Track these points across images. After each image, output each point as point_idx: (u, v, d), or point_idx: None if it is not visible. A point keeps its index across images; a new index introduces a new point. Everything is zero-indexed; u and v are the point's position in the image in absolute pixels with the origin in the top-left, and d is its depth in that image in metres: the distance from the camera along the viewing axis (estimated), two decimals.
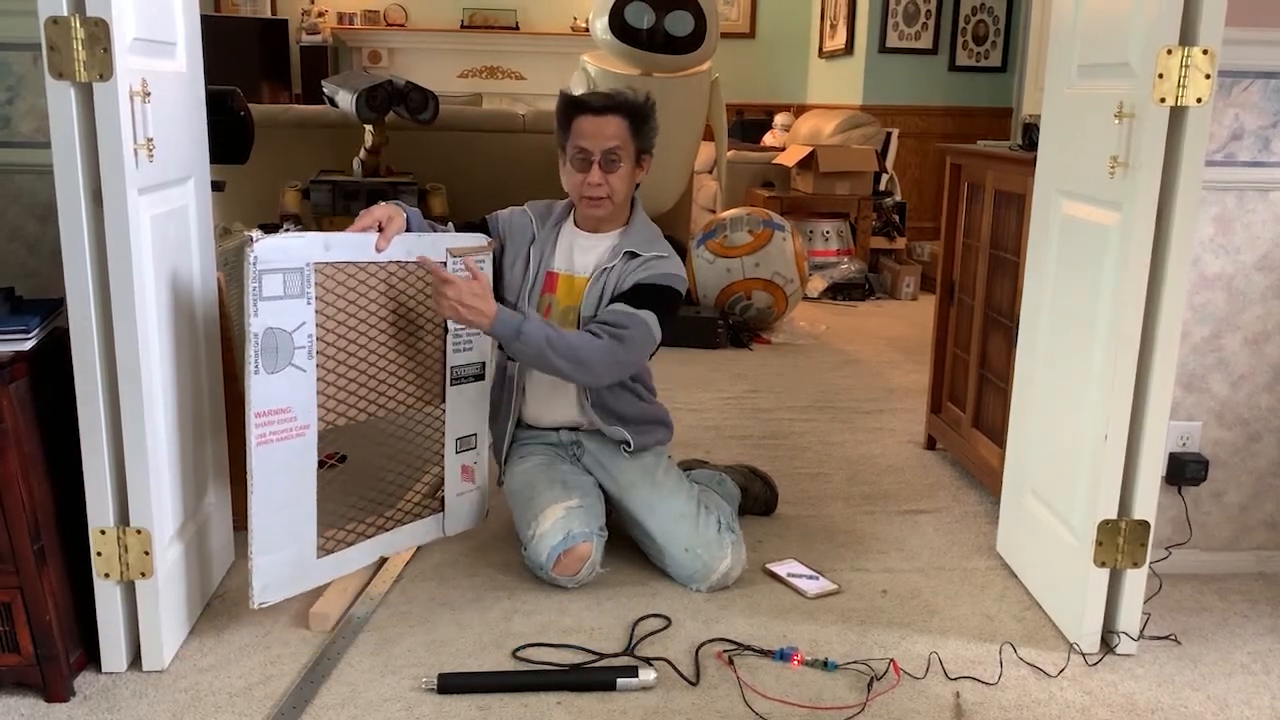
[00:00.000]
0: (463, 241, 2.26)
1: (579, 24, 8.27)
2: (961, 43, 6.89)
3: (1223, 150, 2.20)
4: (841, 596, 2.26)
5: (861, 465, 3.07)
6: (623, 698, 1.86)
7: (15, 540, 1.74)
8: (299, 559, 2.04)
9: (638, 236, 2.35)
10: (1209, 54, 1.79)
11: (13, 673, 1.81)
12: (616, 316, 2.22)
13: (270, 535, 1.97)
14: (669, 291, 2.28)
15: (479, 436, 2.41)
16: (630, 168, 2.30)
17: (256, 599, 1.98)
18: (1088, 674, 1.98)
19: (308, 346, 1.98)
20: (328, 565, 2.11)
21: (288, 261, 1.93)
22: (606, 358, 2.19)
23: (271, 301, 1.91)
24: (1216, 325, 2.29)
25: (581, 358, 2.17)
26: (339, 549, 2.13)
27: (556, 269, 2.36)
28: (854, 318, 5.22)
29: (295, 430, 1.98)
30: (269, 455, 1.94)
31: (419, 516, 2.31)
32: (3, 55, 1.95)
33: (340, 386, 2.07)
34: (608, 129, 2.26)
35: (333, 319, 2.03)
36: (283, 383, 1.95)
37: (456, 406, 2.33)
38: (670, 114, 4.76)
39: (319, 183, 4.42)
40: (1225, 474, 2.36)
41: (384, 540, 2.24)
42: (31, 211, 2.01)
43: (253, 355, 1.89)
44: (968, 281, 2.98)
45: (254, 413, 1.91)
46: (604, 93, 2.34)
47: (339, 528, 2.12)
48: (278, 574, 2.00)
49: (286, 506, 1.99)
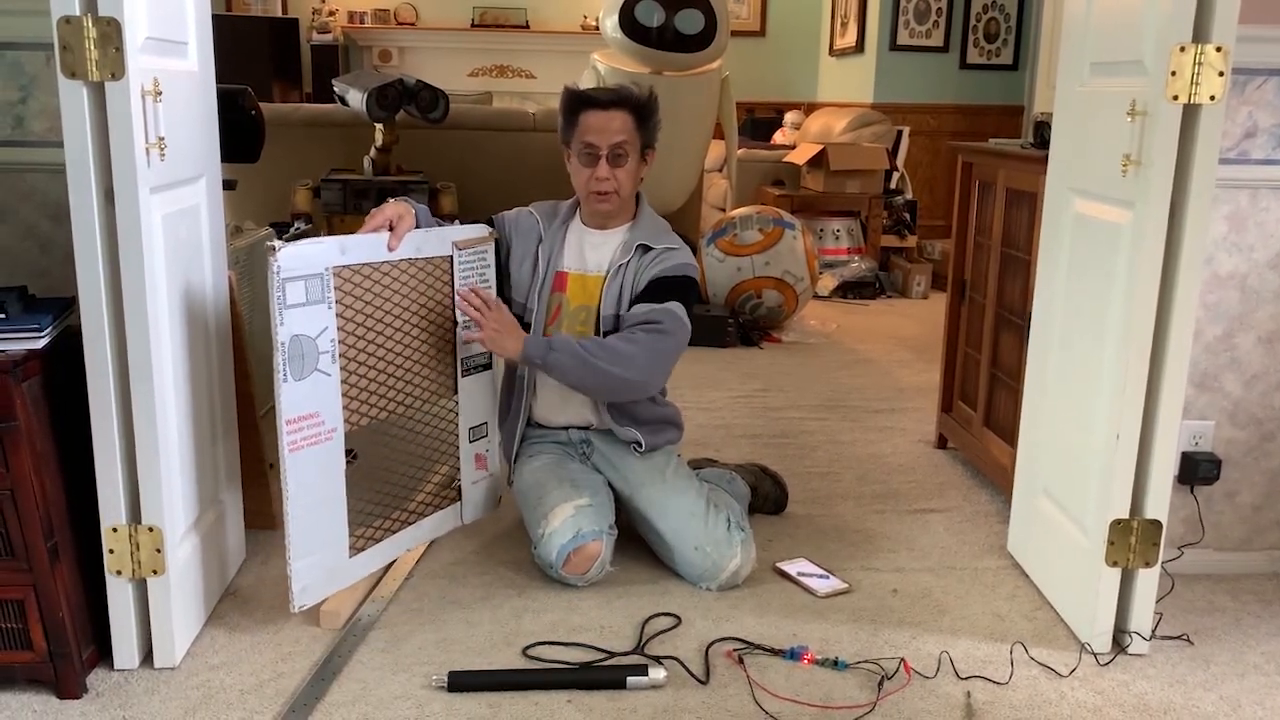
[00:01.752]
0: (467, 234, 2.29)
1: (589, 22, 8.27)
2: (973, 40, 6.87)
3: (1236, 148, 2.18)
4: (852, 596, 2.26)
5: (872, 464, 3.06)
6: (633, 696, 1.86)
7: (28, 537, 1.74)
8: (333, 560, 2.05)
9: (647, 230, 2.36)
10: (1222, 51, 1.78)
11: (26, 669, 1.82)
12: (644, 314, 2.24)
13: (305, 539, 1.98)
14: (687, 280, 2.33)
15: (489, 425, 2.43)
16: (636, 162, 2.31)
17: (296, 602, 1.98)
18: (1099, 674, 1.97)
19: (331, 351, 2.00)
20: (359, 563, 2.13)
21: (308, 268, 1.94)
22: (649, 351, 2.20)
23: (295, 309, 1.92)
24: (1229, 324, 2.28)
25: (623, 354, 2.18)
26: (368, 546, 2.14)
27: (566, 268, 2.36)
28: (865, 316, 5.21)
29: (324, 434, 2.00)
30: (301, 461, 1.95)
31: (439, 508, 2.32)
32: (14, 55, 1.96)
33: (362, 387, 2.08)
34: (614, 124, 2.27)
35: (351, 320, 2.04)
36: (309, 388, 1.97)
37: (469, 396, 2.35)
38: (680, 112, 4.79)
39: (330, 181, 4.42)
40: (1238, 473, 2.35)
41: (408, 534, 2.25)
42: (44, 210, 2.02)
43: (281, 363, 1.90)
44: (979, 280, 2.97)
45: (285, 420, 1.92)
46: (608, 88, 2.35)
47: (367, 525, 2.13)
48: (314, 576, 2.01)
49: (319, 509, 2.01)
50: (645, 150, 2.34)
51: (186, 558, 1.97)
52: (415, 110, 4.33)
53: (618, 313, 2.30)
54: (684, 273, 2.31)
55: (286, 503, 1.93)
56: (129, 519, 1.84)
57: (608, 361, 2.18)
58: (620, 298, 2.30)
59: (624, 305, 2.30)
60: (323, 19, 8.25)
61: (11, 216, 2.02)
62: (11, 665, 1.81)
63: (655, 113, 2.34)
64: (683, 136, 4.86)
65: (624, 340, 2.22)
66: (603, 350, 2.19)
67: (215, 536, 2.13)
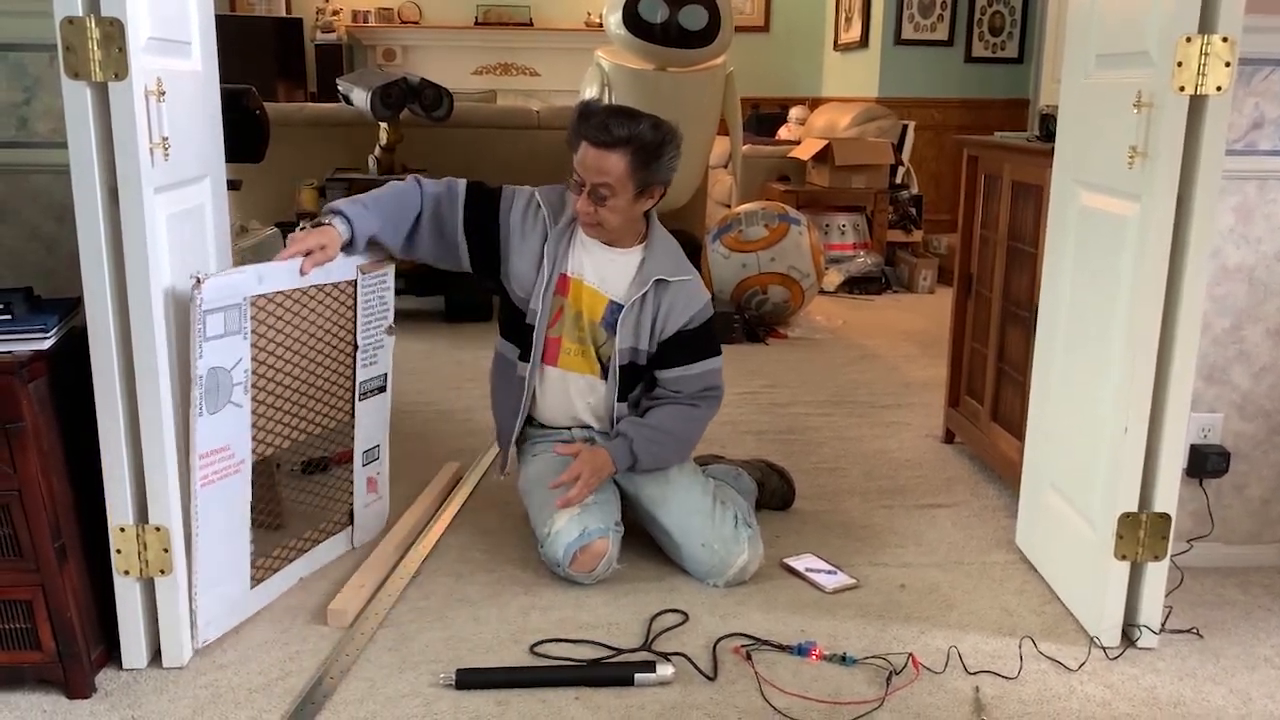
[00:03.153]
0: (369, 258, 2.26)
1: (593, 19, 8.26)
2: (978, 34, 6.85)
3: (1243, 139, 2.17)
4: (859, 591, 2.25)
5: (879, 460, 3.06)
6: (640, 693, 1.86)
7: (36, 538, 1.75)
8: (236, 591, 2.03)
9: (661, 259, 2.31)
10: (1229, 42, 1.77)
11: (35, 670, 1.82)
12: (695, 381, 2.33)
13: (211, 572, 1.94)
14: (711, 323, 2.37)
15: (381, 447, 2.43)
16: (627, 201, 2.20)
17: (200, 637, 1.94)
18: (1108, 668, 1.97)
19: (244, 382, 1.95)
20: (258, 594, 2.10)
21: (229, 299, 1.89)
22: (712, 410, 2.39)
23: (214, 341, 1.86)
24: (1237, 316, 2.27)
25: (695, 432, 2.38)
26: (267, 576, 2.12)
27: (570, 272, 2.32)
28: (871, 312, 5.20)
29: (233, 467, 1.96)
30: (211, 495, 1.91)
31: (331, 534, 2.33)
32: (18, 56, 1.96)
33: (269, 417, 2.06)
34: (605, 164, 2.16)
35: (262, 350, 2.01)
36: (221, 421, 1.92)
37: (364, 420, 2.34)
38: (685, 109, 4.79)
39: (335, 181, 4.43)
40: (1247, 466, 2.34)
41: (302, 563, 2.24)
42: (49, 211, 2.02)
43: (197, 397, 1.85)
44: (985, 274, 2.96)
45: (198, 455, 1.87)
46: (617, 121, 2.17)
47: (265, 554, 2.12)
48: (218, 609, 1.98)
49: (225, 542, 1.97)
50: (645, 189, 2.22)
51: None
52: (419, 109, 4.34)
53: (635, 346, 2.29)
54: (707, 315, 2.35)
55: (195, 537, 1.88)
56: (136, 519, 1.84)
57: (684, 445, 2.37)
58: (639, 332, 2.29)
59: (642, 340, 2.29)
60: (327, 18, 8.26)
61: (17, 217, 2.02)
62: (20, 665, 1.82)
63: (664, 153, 2.20)
64: (687, 133, 4.75)
65: (687, 415, 2.34)
66: (676, 438, 2.33)
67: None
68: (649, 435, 2.29)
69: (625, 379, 2.32)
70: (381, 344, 2.34)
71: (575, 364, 2.34)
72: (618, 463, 2.27)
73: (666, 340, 2.31)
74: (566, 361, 2.34)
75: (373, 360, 2.33)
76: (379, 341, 2.33)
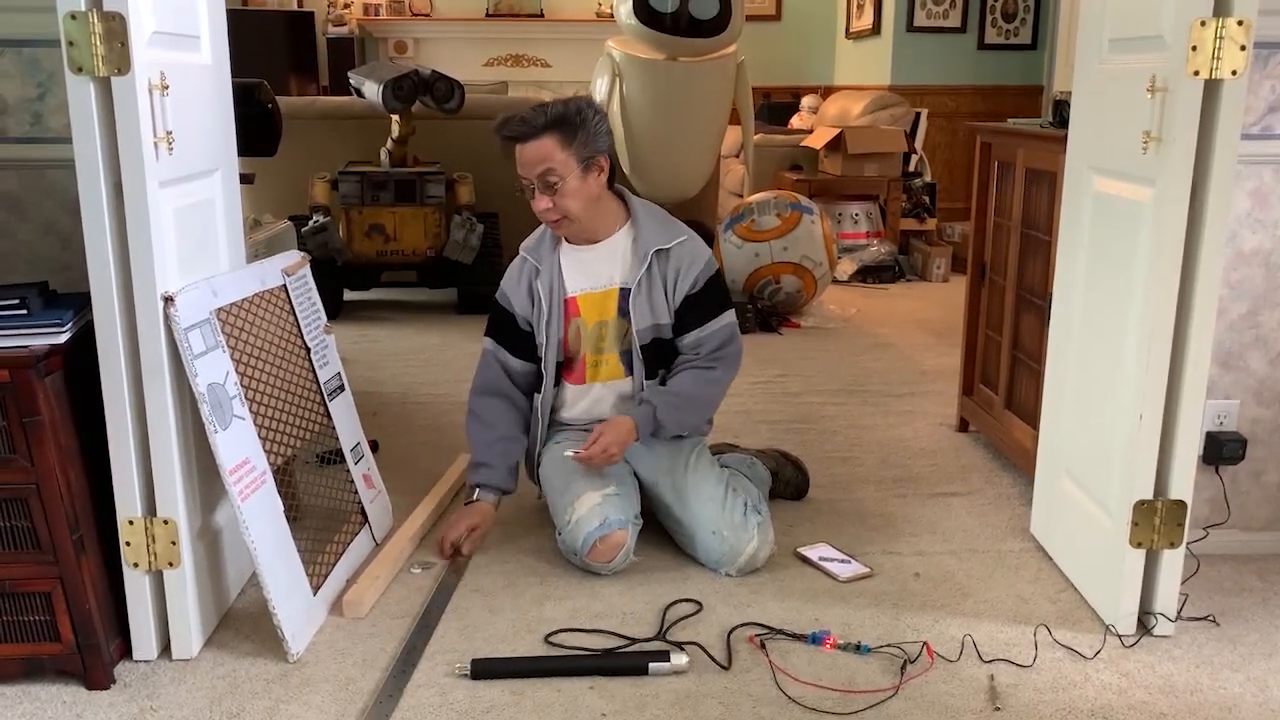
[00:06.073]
0: (288, 260, 2.28)
1: (604, 10, 8.24)
2: (990, 20, 6.80)
3: (1259, 123, 2.15)
4: (874, 580, 2.25)
5: (893, 448, 3.05)
6: (655, 682, 1.86)
7: (54, 530, 1.76)
8: (303, 601, 2.01)
9: (649, 229, 2.32)
10: (1244, 25, 1.75)
11: (54, 661, 1.84)
12: (713, 339, 2.34)
13: (280, 586, 1.93)
14: (717, 279, 2.36)
15: (362, 444, 2.43)
16: (578, 181, 2.20)
17: (292, 650, 1.92)
18: (1124, 656, 1.96)
19: (238, 394, 1.95)
20: (320, 601, 2.08)
21: (199, 314, 1.87)
22: (732, 370, 2.39)
23: (202, 357, 1.85)
24: (1254, 302, 2.25)
25: (716, 395, 2.39)
26: (323, 584, 2.11)
27: (572, 293, 2.34)
28: (884, 300, 5.18)
29: (259, 479, 1.95)
30: (253, 508, 1.91)
31: (355, 534, 2.32)
32: (32, 52, 1.97)
33: (269, 427, 2.04)
34: (534, 153, 2.18)
35: (240, 362, 1.99)
36: (235, 436, 1.91)
37: (340, 420, 2.34)
38: (696, 98, 4.78)
39: (347, 174, 4.44)
40: (1264, 452, 2.32)
41: (343, 567, 2.22)
42: (64, 206, 2.03)
43: (207, 415, 1.84)
44: (999, 262, 2.95)
45: (227, 471, 1.86)
46: (530, 113, 2.19)
47: (312, 563, 2.10)
48: (299, 621, 1.97)
49: (279, 555, 1.97)
50: (591, 160, 2.21)
51: (204, 550, 1.98)
52: (431, 101, 4.34)
53: (655, 323, 2.31)
54: (710, 272, 2.34)
55: (255, 553, 1.88)
56: (145, 512, 1.85)
57: (708, 403, 2.39)
58: (653, 310, 2.30)
59: (660, 314, 2.30)
60: (338, 11, 8.26)
61: (33, 212, 2.04)
62: (40, 657, 1.83)
63: (587, 122, 2.20)
64: (699, 122, 4.84)
65: (709, 376, 2.35)
66: (700, 396, 2.34)
67: (234, 529, 2.14)
68: (671, 401, 2.30)
69: (651, 359, 2.34)
70: (325, 344, 2.33)
71: (604, 374, 2.39)
72: (641, 428, 2.27)
73: (679, 306, 2.32)
74: (594, 374, 2.39)
75: (325, 361, 2.33)
76: (323, 341, 2.33)
